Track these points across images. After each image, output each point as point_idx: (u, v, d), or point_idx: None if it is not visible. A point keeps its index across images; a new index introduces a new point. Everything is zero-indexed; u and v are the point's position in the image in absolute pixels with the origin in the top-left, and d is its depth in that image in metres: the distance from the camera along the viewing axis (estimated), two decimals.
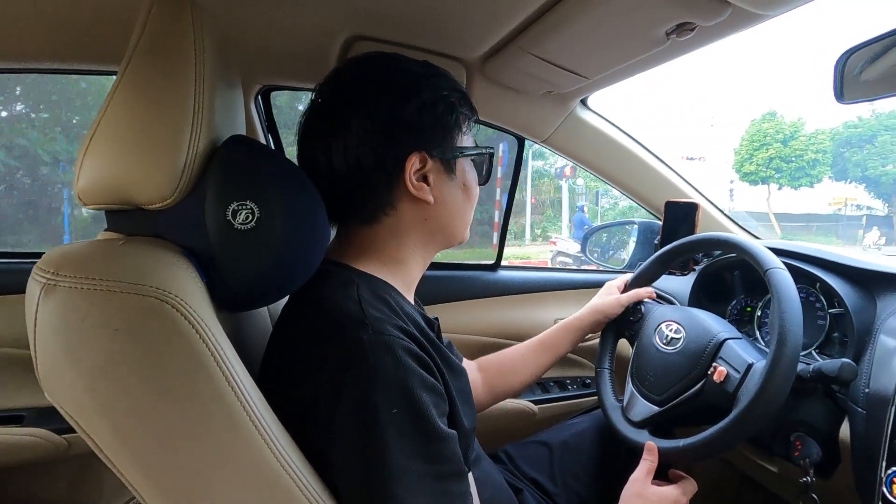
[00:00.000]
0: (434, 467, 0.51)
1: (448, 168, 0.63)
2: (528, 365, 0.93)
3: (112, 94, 0.47)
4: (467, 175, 0.65)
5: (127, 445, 0.42)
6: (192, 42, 0.48)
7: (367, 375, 0.49)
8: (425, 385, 0.52)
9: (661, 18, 0.68)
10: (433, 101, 0.60)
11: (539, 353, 0.94)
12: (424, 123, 0.60)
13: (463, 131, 0.64)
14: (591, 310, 0.96)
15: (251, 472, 0.45)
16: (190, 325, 0.42)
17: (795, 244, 0.97)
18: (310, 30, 0.81)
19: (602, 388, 0.91)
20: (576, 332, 0.95)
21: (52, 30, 0.76)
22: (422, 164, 0.60)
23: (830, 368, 0.70)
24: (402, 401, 0.49)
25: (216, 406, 0.43)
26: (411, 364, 0.51)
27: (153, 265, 0.44)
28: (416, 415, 0.50)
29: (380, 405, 0.48)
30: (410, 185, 0.60)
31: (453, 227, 0.66)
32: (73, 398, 0.41)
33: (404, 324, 0.55)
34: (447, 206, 0.64)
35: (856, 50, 0.68)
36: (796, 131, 20.96)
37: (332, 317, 0.53)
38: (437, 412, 0.52)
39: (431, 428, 0.51)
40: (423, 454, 0.50)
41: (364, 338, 0.50)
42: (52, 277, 0.41)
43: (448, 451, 0.53)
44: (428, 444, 0.51)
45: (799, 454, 0.75)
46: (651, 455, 0.72)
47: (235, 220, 0.49)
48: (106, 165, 0.47)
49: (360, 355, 0.49)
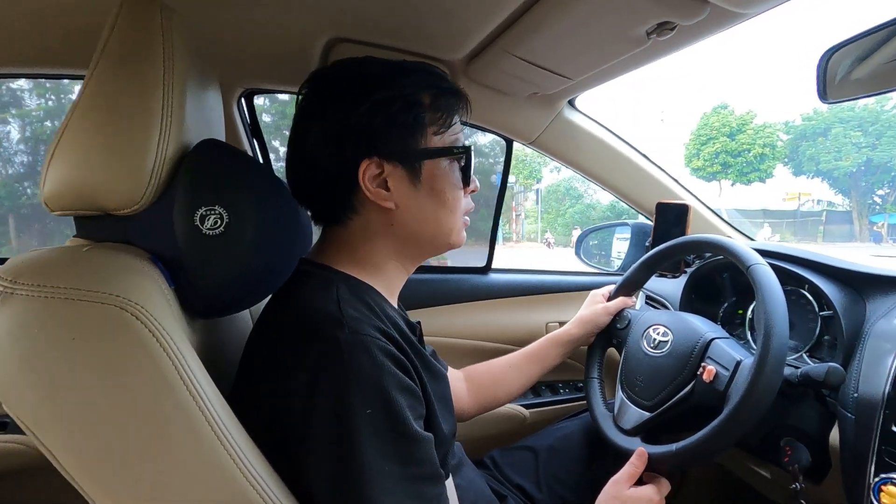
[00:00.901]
0: (408, 469, 0.50)
1: (411, 173, 0.59)
2: (516, 377, 0.91)
3: (79, 98, 0.47)
4: (438, 179, 0.60)
5: (84, 459, 0.41)
6: (161, 45, 0.48)
7: (343, 375, 0.48)
8: (401, 386, 0.51)
9: (641, 18, 0.67)
10: (386, 102, 0.56)
11: (527, 364, 0.92)
12: (376, 126, 0.56)
13: (433, 131, 0.59)
14: (580, 321, 0.94)
15: (215, 488, 0.44)
16: (151, 335, 0.41)
17: (783, 246, 0.96)
18: (290, 32, 0.81)
19: (592, 397, 0.89)
20: (566, 346, 0.93)
21: (21, 35, 0.76)
22: (379, 169, 0.57)
23: (818, 373, 0.69)
24: (378, 401, 0.49)
25: (178, 419, 0.42)
26: (388, 365, 0.51)
27: (115, 272, 0.44)
28: (391, 416, 0.49)
29: (355, 405, 0.48)
30: (367, 191, 0.57)
31: (427, 233, 0.62)
32: (29, 410, 0.40)
33: (384, 325, 0.54)
34: (413, 212, 0.60)
35: (838, 48, 0.67)
36: (744, 125, 20.35)
37: (310, 317, 0.52)
38: (412, 414, 0.51)
39: (406, 430, 0.50)
40: (397, 456, 0.50)
41: (341, 337, 0.49)
42: (10, 286, 0.40)
43: (423, 453, 0.52)
44: (403, 445, 0.50)
45: (789, 460, 0.74)
46: (639, 461, 0.71)
47: (203, 225, 0.49)
48: (73, 170, 0.46)
49: (337, 355, 0.49)
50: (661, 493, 0.70)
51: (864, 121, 19.79)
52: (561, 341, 0.93)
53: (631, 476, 0.70)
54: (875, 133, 19.59)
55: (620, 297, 0.95)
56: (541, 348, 0.93)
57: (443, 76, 0.62)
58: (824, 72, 0.68)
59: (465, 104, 0.63)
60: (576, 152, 1.20)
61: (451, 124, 0.61)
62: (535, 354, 0.93)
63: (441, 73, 0.63)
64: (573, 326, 0.94)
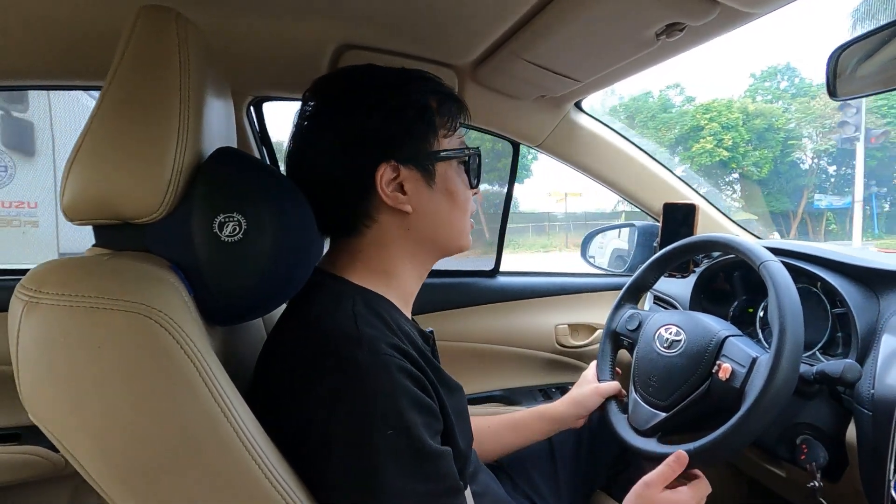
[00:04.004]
0: (429, 486, 0.50)
1: (426, 175, 0.60)
2: (494, 440, 0.86)
3: (97, 108, 0.47)
4: (451, 180, 0.62)
5: (111, 466, 0.41)
6: (178, 54, 0.48)
7: (363, 397, 0.48)
8: (420, 405, 0.51)
9: (650, 20, 0.67)
10: (401, 108, 0.58)
11: (509, 432, 0.88)
12: (392, 132, 0.58)
13: (442, 134, 0.62)
14: (571, 402, 0.89)
15: (241, 493, 0.44)
16: (174, 341, 0.41)
17: (795, 243, 0.96)
18: (299, 40, 0.81)
19: (605, 400, 0.89)
20: (551, 423, 0.88)
21: (39, 47, 0.77)
22: (395, 173, 0.58)
23: (834, 370, 0.69)
24: (397, 422, 0.49)
25: (202, 424, 0.42)
26: (406, 384, 0.51)
27: (137, 280, 0.44)
28: (411, 435, 0.49)
29: (375, 426, 0.48)
30: (385, 196, 0.58)
31: (442, 235, 0.64)
32: (57, 418, 0.40)
33: (400, 342, 0.54)
34: (430, 214, 0.61)
35: (848, 46, 0.68)
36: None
37: (326, 334, 0.52)
38: (430, 432, 0.52)
39: (425, 447, 0.50)
40: (418, 474, 0.49)
41: (360, 358, 0.49)
42: (35, 295, 0.40)
43: (443, 468, 0.52)
44: (423, 463, 0.50)
45: (805, 458, 0.73)
46: (676, 464, 0.68)
47: (222, 232, 0.49)
48: (92, 180, 0.47)
49: (356, 376, 0.49)
50: (699, 497, 0.67)
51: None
52: (547, 417, 0.89)
53: (665, 478, 0.67)
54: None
55: (614, 382, 0.90)
56: (524, 419, 0.89)
57: (442, 82, 0.64)
58: (834, 68, 0.68)
59: (465, 108, 0.65)
60: (582, 154, 1.20)
61: (456, 127, 0.63)
62: (520, 424, 0.88)
63: (439, 80, 0.65)
64: (562, 405, 0.89)
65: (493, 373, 1.26)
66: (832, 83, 0.69)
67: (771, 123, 16.24)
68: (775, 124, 16.31)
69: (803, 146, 17.04)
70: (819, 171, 17.56)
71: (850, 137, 12.36)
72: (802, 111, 16.54)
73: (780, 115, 16.69)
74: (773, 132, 16.21)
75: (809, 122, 16.42)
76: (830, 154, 16.90)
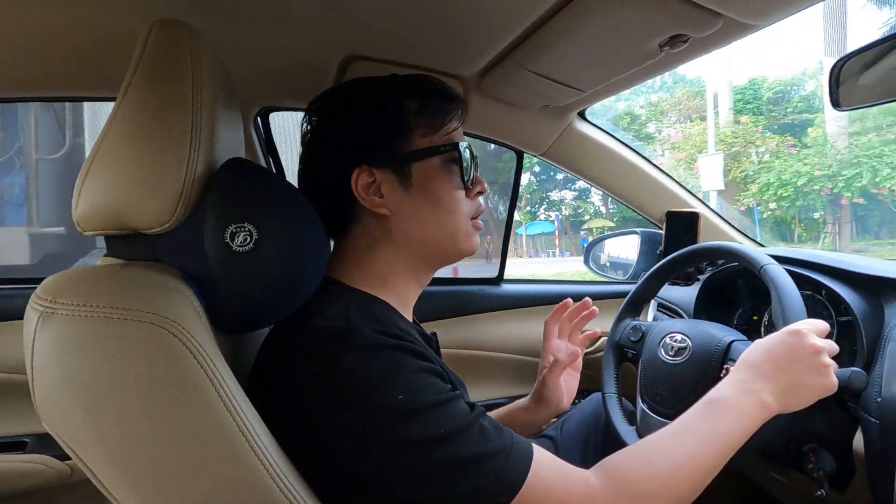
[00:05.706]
0: (458, 423, 0.49)
1: (402, 176, 0.61)
2: None
3: (111, 120, 0.48)
4: (431, 181, 0.61)
5: (124, 475, 0.41)
6: (190, 67, 0.49)
7: (364, 378, 0.48)
8: (420, 367, 0.51)
9: (654, 32, 0.68)
10: (372, 112, 0.61)
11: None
12: (365, 135, 0.61)
13: (420, 134, 0.61)
14: (532, 401, 0.88)
15: (251, 501, 0.44)
16: (188, 352, 0.42)
17: (799, 251, 0.96)
18: (307, 51, 0.82)
19: (612, 413, 0.88)
20: (525, 428, 0.86)
21: (51, 58, 0.78)
22: (371, 177, 0.60)
23: (841, 378, 0.69)
24: (405, 384, 0.49)
25: (214, 433, 0.42)
26: (401, 355, 0.51)
27: (151, 290, 0.44)
28: (421, 389, 0.49)
29: (387, 395, 0.48)
30: (361, 199, 0.60)
31: (430, 238, 0.63)
32: (71, 427, 0.41)
33: (397, 332, 0.54)
34: (411, 216, 0.62)
35: (851, 57, 0.69)
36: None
37: (318, 335, 0.53)
38: (441, 381, 0.52)
39: (441, 395, 0.50)
40: (444, 420, 0.49)
41: (349, 345, 0.50)
42: (50, 305, 0.41)
43: (462, 406, 0.51)
44: (445, 407, 0.50)
45: (813, 466, 0.73)
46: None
47: (234, 242, 0.49)
48: (104, 191, 0.47)
49: (353, 362, 0.49)
50: (819, 333, 0.63)
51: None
52: (519, 423, 0.87)
53: (822, 330, 0.62)
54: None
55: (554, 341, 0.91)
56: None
57: (433, 81, 0.65)
58: (837, 79, 0.69)
59: (459, 106, 0.65)
60: (585, 163, 1.21)
61: (441, 126, 0.62)
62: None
63: (432, 80, 0.66)
64: (527, 408, 0.88)
65: (498, 381, 1.26)
66: (835, 93, 0.70)
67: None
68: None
69: None
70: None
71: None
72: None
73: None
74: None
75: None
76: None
